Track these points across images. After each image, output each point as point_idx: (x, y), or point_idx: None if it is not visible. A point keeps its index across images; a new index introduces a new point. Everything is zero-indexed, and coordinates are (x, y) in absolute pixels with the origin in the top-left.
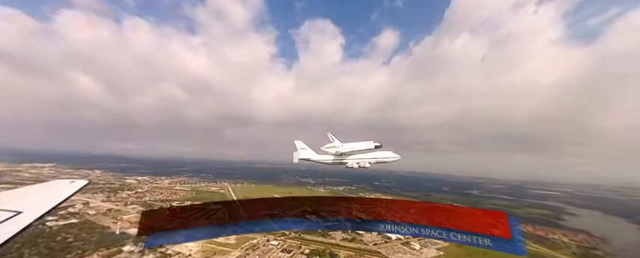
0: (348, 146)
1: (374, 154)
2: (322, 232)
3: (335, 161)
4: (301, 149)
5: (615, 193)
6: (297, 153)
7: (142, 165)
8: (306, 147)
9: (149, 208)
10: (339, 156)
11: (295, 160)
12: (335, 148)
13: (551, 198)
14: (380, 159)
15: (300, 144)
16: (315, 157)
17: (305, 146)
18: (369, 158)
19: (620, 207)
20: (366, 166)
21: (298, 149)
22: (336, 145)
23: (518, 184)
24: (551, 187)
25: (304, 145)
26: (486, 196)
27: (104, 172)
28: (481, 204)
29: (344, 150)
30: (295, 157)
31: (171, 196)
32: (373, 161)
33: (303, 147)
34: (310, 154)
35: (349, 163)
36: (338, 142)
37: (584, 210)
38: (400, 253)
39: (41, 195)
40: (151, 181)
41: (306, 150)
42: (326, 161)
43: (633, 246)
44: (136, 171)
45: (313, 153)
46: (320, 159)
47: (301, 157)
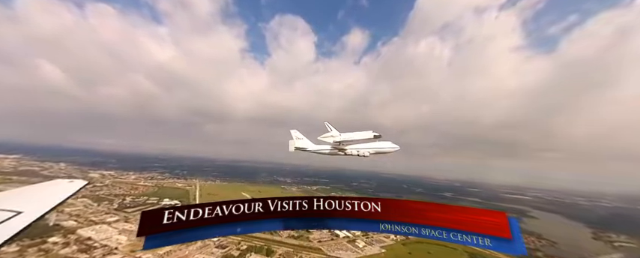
0: (346, 136)
1: (373, 144)
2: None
3: (332, 151)
4: (297, 139)
5: (584, 198)
6: (293, 141)
7: (115, 160)
8: (302, 136)
9: (99, 201)
10: (336, 145)
11: (291, 149)
12: (333, 138)
13: (520, 202)
14: (379, 149)
15: (296, 133)
16: (312, 147)
17: (301, 136)
18: (368, 148)
19: (584, 212)
20: (365, 155)
21: (294, 138)
22: (334, 134)
23: (493, 187)
24: (524, 192)
25: (300, 135)
26: (457, 198)
27: (69, 166)
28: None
29: (342, 139)
30: (291, 146)
31: (130, 191)
32: (372, 151)
33: (299, 136)
34: (307, 144)
35: (348, 150)
36: (336, 131)
37: (547, 214)
38: (342, 250)
39: (41, 195)
40: (117, 175)
41: (303, 139)
42: (323, 151)
43: (578, 248)
44: (105, 165)
45: (310, 143)
46: (317, 149)
47: (297, 146)
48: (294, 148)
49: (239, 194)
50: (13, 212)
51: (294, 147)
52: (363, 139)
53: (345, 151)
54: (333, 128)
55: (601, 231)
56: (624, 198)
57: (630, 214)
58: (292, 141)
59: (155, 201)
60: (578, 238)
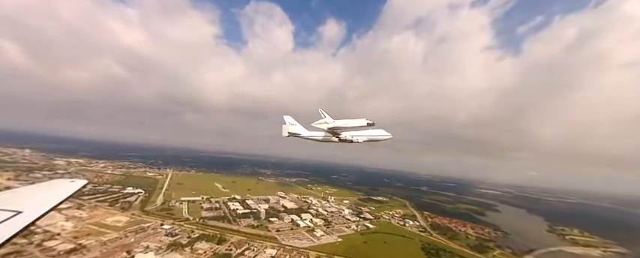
0: (340, 123)
1: (366, 132)
2: (231, 219)
3: (325, 137)
4: (290, 124)
5: (551, 195)
6: (286, 126)
7: (89, 148)
8: (295, 122)
9: None
10: (330, 132)
11: (284, 134)
12: (326, 124)
13: (490, 196)
14: (372, 137)
15: (289, 119)
16: (306, 133)
17: (294, 122)
18: (361, 135)
19: (546, 207)
20: (358, 141)
21: (287, 124)
22: (328, 121)
23: (471, 183)
24: (497, 188)
25: (293, 121)
26: (431, 191)
27: (34, 152)
28: (420, 198)
29: (335, 126)
30: (284, 131)
31: (93, 178)
32: (366, 138)
33: (293, 122)
34: (300, 130)
35: (343, 135)
36: (330, 118)
37: (511, 208)
38: (298, 239)
39: (41, 195)
40: (85, 163)
41: (296, 125)
42: (316, 137)
43: (529, 240)
44: (77, 153)
45: (303, 129)
46: (310, 135)
47: (291, 131)
48: (288, 133)
49: (211, 185)
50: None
51: (287, 132)
52: (357, 126)
53: (340, 137)
54: (326, 114)
55: (556, 224)
56: (589, 195)
57: (589, 210)
58: (285, 126)
59: (117, 189)
60: (532, 231)
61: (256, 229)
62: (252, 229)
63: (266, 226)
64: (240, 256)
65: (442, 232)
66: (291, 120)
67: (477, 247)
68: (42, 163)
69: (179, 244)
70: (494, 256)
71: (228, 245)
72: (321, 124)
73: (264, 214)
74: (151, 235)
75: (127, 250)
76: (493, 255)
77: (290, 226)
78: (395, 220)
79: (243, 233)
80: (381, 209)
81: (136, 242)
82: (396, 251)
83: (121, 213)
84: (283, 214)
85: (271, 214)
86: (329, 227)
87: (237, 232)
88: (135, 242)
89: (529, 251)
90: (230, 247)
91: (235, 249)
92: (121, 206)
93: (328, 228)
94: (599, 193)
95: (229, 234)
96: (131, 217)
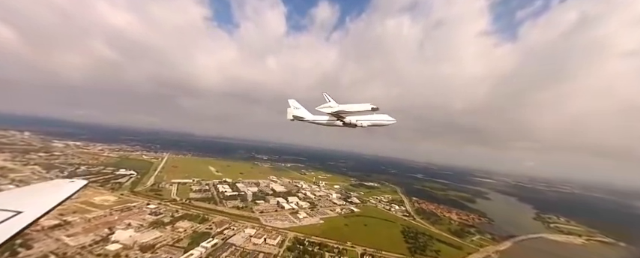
0: (344, 107)
1: (370, 117)
2: (218, 201)
3: (330, 121)
4: (295, 108)
5: (546, 184)
6: (290, 110)
7: (88, 132)
8: (299, 106)
9: (49, 169)
10: (334, 116)
11: (289, 117)
12: (330, 108)
13: (484, 184)
14: (376, 121)
15: (293, 103)
16: (310, 117)
17: (299, 105)
18: (365, 119)
19: (538, 196)
20: (363, 125)
21: (292, 107)
22: (332, 105)
23: (467, 171)
24: (493, 176)
25: (298, 104)
26: (426, 179)
27: (34, 135)
28: (412, 185)
29: (340, 109)
30: (289, 114)
31: (89, 161)
32: (370, 123)
33: (297, 106)
34: (304, 114)
35: (347, 119)
36: (334, 102)
37: (503, 196)
38: (280, 220)
39: (41, 195)
40: (82, 146)
41: (300, 109)
42: (320, 121)
43: (510, 227)
44: (76, 137)
45: (307, 113)
46: (314, 119)
47: (295, 115)
48: (292, 116)
49: (205, 168)
50: (13, 212)
51: (291, 115)
52: (361, 111)
53: (344, 121)
54: (330, 99)
55: (544, 213)
56: (584, 186)
57: (580, 200)
58: (290, 109)
59: (110, 171)
60: (518, 218)
61: (241, 210)
62: (236, 211)
63: (251, 208)
64: (219, 234)
65: (426, 217)
66: (296, 104)
67: (457, 232)
68: (39, 145)
69: (161, 222)
70: (473, 241)
71: (209, 224)
72: (326, 108)
73: (251, 197)
74: (136, 213)
75: (109, 227)
76: (472, 240)
77: (275, 208)
78: (382, 204)
79: (227, 214)
80: (370, 194)
81: (120, 220)
82: (375, 233)
83: (110, 193)
84: (270, 197)
85: (259, 196)
86: (314, 210)
87: (221, 212)
88: (118, 220)
89: (509, 237)
90: (210, 226)
91: (215, 228)
92: (111, 186)
93: (313, 210)
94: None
95: (213, 214)
96: (119, 196)
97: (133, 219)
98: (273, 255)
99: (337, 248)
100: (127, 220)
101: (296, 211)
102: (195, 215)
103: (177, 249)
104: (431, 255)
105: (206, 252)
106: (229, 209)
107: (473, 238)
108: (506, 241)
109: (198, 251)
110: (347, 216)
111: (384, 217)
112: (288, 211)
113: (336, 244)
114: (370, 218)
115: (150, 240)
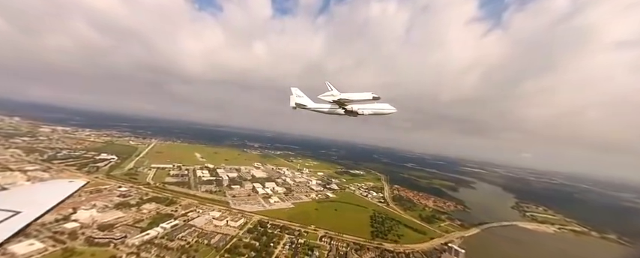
0: (346, 95)
1: (371, 105)
2: (193, 185)
3: (331, 109)
4: (297, 96)
5: (536, 175)
6: (293, 97)
7: (80, 117)
8: (302, 94)
9: (30, 152)
10: (336, 104)
11: (292, 104)
12: (332, 97)
13: (472, 174)
14: (377, 110)
15: (296, 91)
16: (312, 105)
17: (301, 94)
18: (366, 108)
19: (523, 186)
20: (364, 113)
21: (294, 95)
22: (334, 93)
23: (459, 161)
24: (485, 167)
25: (300, 93)
26: (416, 168)
27: (23, 120)
28: (399, 173)
29: (341, 98)
30: (292, 101)
31: (73, 145)
32: (371, 111)
33: (300, 94)
34: (307, 102)
35: (348, 107)
36: (336, 91)
37: (488, 185)
38: (250, 204)
39: (40, 194)
40: (70, 132)
41: (303, 97)
42: (322, 109)
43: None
44: (66, 122)
45: (310, 101)
46: (316, 107)
47: (298, 102)
48: (295, 104)
49: (190, 154)
50: (13, 212)
51: (294, 103)
52: (362, 99)
53: (345, 108)
54: (333, 87)
55: (524, 202)
56: (573, 178)
57: (565, 190)
58: (292, 97)
59: (91, 155)
60: (496, 207)
61: (213, 194)
62: (208, 195)
63: (224, 192)
64: (182, 216)
65: (401, 203)
66: (299, 92)
67: (427, 218)
68: (26, 130)
69: (127, 204)
70: (440, 227)
71: (175, 207)
72: (328, 97)
73: (227, 182)
74: (104, 195)
75: (73, 208)
76: (440, 225)
77: (248, 193)
78: (360, 191)
79: (198, 197)
80: (351, 181)
81: (86, 201)
82: (343, 218)
83: (85, 176)
84: (247, 182)
85: (235, 182)
86: (288, 195)
87: (192, 196)
88: (85, 201)
89: (479, 224)
90: (176, 209)
91: (181, 210)
92: (87, 170)
93: (287, 196)
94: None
95: (183, 198)
96: (93, 179)
97: (100, 200)
98: (231, 236)
99: (298, 231)
100: (93, 202)
101: (269, 196)
102: (164, 198)
103: (135, 228)
104: (392, 239)
105: (164, 232)
106: (202, 193)
107: (441, 225)
108: (474, 228)
109: (156, 231)
110: (320, 201)
111: (358, 202)
112: (261, 196)
113: (299, 227)
114: (344, 204)
115: (111, 220)
